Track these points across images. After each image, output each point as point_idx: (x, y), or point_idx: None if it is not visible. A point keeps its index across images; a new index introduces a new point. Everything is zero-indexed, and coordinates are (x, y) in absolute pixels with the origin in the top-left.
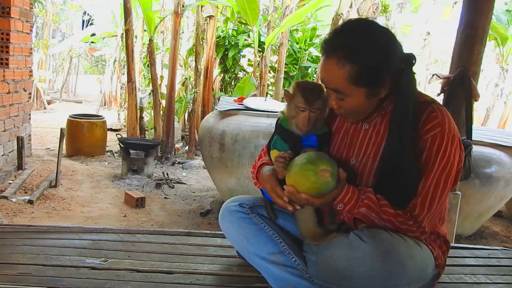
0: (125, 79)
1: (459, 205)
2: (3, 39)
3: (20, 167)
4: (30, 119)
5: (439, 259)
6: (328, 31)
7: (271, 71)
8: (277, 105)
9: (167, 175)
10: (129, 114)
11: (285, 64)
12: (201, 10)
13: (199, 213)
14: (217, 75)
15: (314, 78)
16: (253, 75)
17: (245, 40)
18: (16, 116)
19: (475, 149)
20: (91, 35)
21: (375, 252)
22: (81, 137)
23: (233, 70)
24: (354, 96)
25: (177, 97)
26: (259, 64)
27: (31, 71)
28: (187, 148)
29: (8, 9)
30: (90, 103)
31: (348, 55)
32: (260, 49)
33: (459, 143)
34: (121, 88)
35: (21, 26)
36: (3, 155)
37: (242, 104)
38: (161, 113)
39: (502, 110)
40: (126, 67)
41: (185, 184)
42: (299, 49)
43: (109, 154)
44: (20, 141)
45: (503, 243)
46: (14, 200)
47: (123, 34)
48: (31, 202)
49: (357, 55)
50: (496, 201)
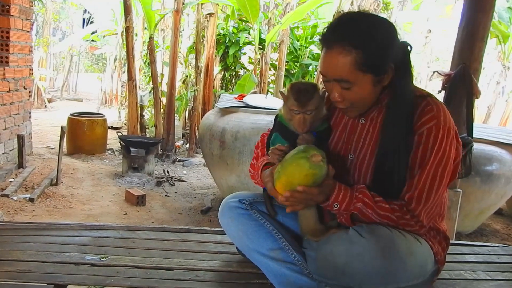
0: (125, 77)
1: (459, 203)
2: (3, 37)
3: (21, 165)
4: (30, 117)
5: (439, 255)
6: None
7: (272, 69)
8: (278, 103)
9: (168, 172)
10: (130, 112)
11: (286, 61)
12: (202, 7)
13: (200, 211)
14: (218, 73)
15: (315, 75)
16: (253, 72)
17: (246, 37)
18: (16, 114)
19: (476, 146)
20: (91, 33)
21: (374, 248)
22: (82, 135)
23: (233, 67)
24: (360, 84)
25: (177, 95)
26: (259, 61)
27: (32, 69)
28: (187, 146)
29: (7, 7)
30: (90, 101)
31: (353, 42)
32: (260, 47)
33: (456, 136)
34: (122, 86)
35: (21, 24)
36: (4, 154)
37: (242, 101)
38: (162, 111)
39: (503, 108)
40: (126, 65)
41: (185, 181)
42: (300, 47)
43: (109, 152)
44: (20, 139)
45: (504, 241)
46: (15, 198)
47: (123, 32)
48: (32, 200)
49: (362, 41)
50: (496, 199)
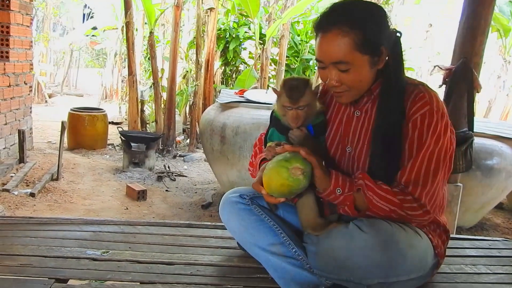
0: (126, 72)
1: (460, 197)
2: (3, 32)
3: (21, 160)
4: (31, 112)
5: (439, 248)
6: None
7: (272, 64)
8: None
9: (169, 168)
10: (130, 107)
11: (286, 56)
12: (202, 2)
13: (201, 206)
14: (218, 68)
15: (315, 70)
16: (254, 67)
17: (246, 32)
18: (17, 109)
19: (477, 140)
20: (92, 28)
21: (374, 242)
22: (83, 130)
23: (234, 62)
24: (358, 65)
25: (178, 90)
26: (260, 56)
27: (32, 64)
28: (188, 141)
29: (7, 2)
30: (91, 96)
31: (350, 23)
32: (261, 42)
33: (449, 123)
34: (122, 81)
35: (21, 19)
36: (4, 148)
37: (243, 96)
38: (162, 106)
39: (504, 102)
40: (127, 60)
41: (186, 176)
42: (300, 41)
43: (110, 147)
44: (21, 134)
45: (504, 235)
46: (16, 193)
47: (123, 27)
48: (32, 195)
49: (359, 22)
50: (497, 193)
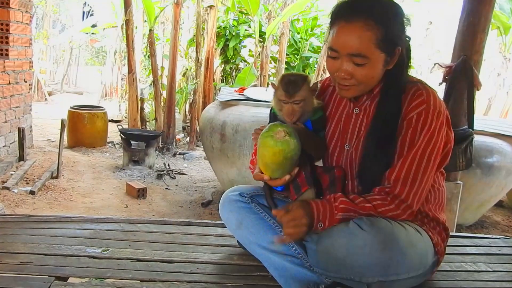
0: (125, 70)
1: (460, 195)
2: (3, 30)
3: (21, 158)
4: (31, 110)
5: (439, 246)
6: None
7: (272, 62)
8: None
9: (168, 166)
10: (130, 105)
11: (286, 54)
12: (202, 0)
13: (200, 204)
14: (218, 66)
15: (315, 68)
16: (254, 65)
17: (246, 30)
18: (17, 107)
19: (477, 138)
20: (91, 26)
21: (374, 240)
22: (82, 128)
23: (234, 60)
24: (374, 61)
25: (178, 88)
26: (260, 54)
27: (32, 62)
28: (188, 139)
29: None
30: (91, 94)
31: (375, 18)
32: (261, 39)
33: (446, 121)
34: (122, 79)
35: (20, 16)
36: (4, 146)
37: (243, 94)
38: (162, 104)
39: (504, 100)
40: (126, 58)
41: (186, 175)
42: (300, 39)
43: (110, 145)
44: (21, 132)
45: (504, 233)
46: (16, 191)
47: (123, 25)
48: (32, 193)
49: (383, 18)
50: (497, 191)
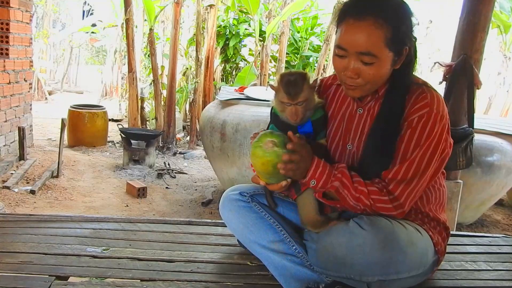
0: (126, 69)
1: (460, 194)
2: (3, 29)
3: (22, 157)
4: (31, 109)
5: (439, 246)
6: (329, 19)
7: (272, 61)
8: None
9: (169, 165)
10: (130, 104)
11: (286, 53)
12: None
13: (201, 203)
14: (218, 65)
15: (315, 67)
16: (254, 64)
17: (246, 29)
18: (17, 106)
19: (477, 137)
20: (91, 25)
21: (374, 239)
22: (83, 127)
23: (234, 59)
24: (383, 60)
25: (178, 87)
26: (260, 53)
27: (32, 61)
28: (188, 138)
29: None
30: (91, 93)
31: (385, 16)
32: (261, 38)
33: (447, 126)
34: (122, 78)
35: (20, 16)
36: (4, 146)
37: (243, 93)
38: (162, 103)
39: (504, 98)
40: (126, 57)
41: (186, 174)
42: (300, 38)
43: (110, 144)
44: (21, 131)
45: (504, 231)
46: (16, 190)
47: (123, 24)
48: (33, 192)
49: (393, 17)
50: (497, 190)
